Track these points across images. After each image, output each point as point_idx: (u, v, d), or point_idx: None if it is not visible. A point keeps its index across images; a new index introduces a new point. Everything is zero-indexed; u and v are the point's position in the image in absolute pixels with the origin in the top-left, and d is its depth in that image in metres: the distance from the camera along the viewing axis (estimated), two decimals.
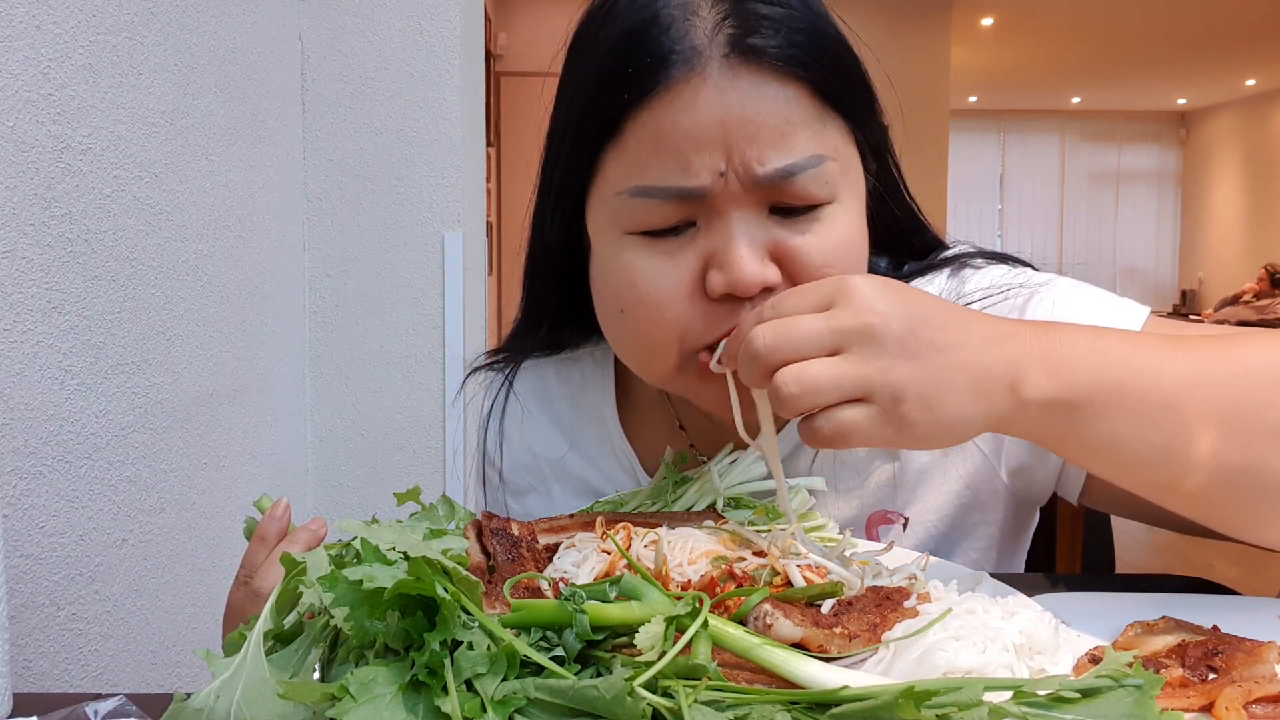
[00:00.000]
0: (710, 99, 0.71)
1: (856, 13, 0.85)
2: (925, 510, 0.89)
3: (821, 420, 0.63)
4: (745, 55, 0.72)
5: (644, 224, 0.75)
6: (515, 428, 1.02)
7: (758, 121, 0.72)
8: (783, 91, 0.73)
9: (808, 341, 0.63)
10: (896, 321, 0.63)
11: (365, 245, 1.99)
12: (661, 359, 0.78)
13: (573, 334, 0.99)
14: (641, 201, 0.74)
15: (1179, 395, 0.65)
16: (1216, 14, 7.53)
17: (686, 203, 0.74)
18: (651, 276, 0.75)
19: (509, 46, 6.38)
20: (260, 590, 0.79)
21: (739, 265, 0.72)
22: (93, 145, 1.20)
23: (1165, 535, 5.09)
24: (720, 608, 0.58)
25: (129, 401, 1.28)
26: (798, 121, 0.73)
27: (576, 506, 0.95)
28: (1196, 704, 0.53)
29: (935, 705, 0.44)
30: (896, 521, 0.89)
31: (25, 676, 1.09)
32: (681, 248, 0.75)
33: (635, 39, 0.73)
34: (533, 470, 1.01)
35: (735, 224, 0.73)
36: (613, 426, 0.97)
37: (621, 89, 0.73)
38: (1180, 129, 12.17)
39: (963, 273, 0.91)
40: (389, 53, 1.96)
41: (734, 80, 0.72)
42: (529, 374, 1.03)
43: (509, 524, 0.71)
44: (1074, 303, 0.86)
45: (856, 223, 0.78)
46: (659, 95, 0.72)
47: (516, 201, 6.12)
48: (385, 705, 0.46)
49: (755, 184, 0.72)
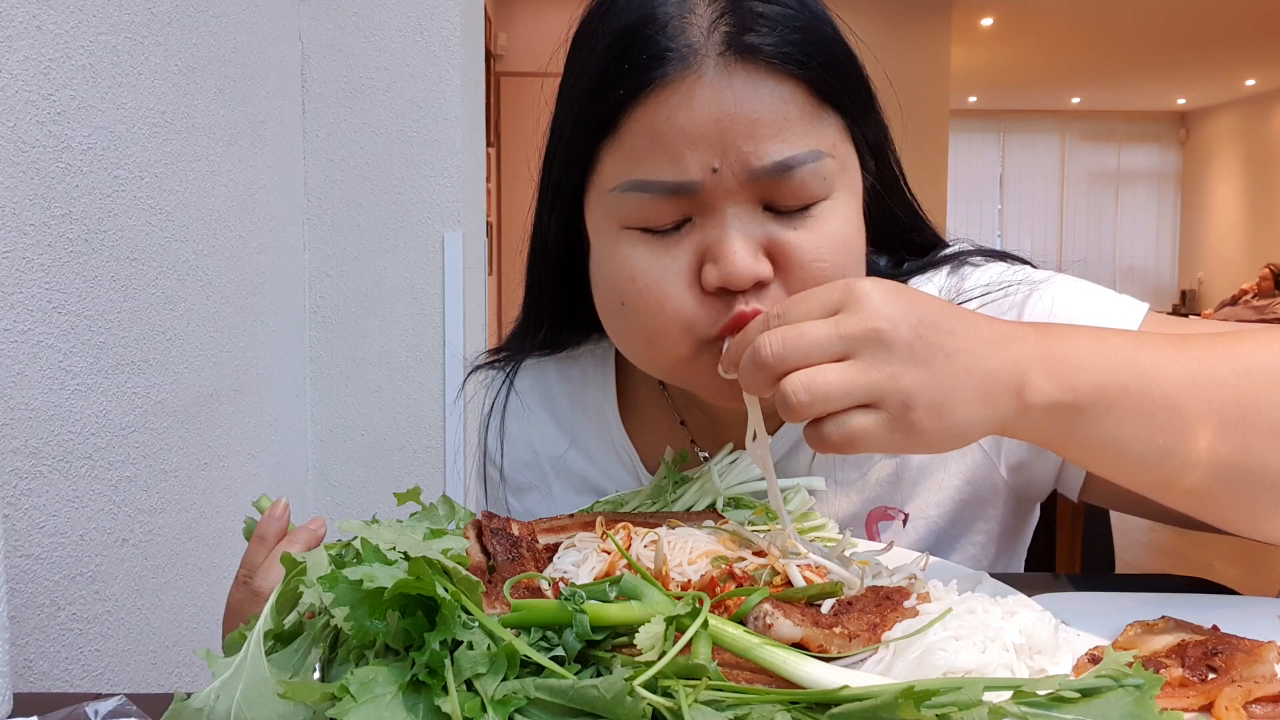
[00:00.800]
0: (706, 96, 0.72)
1: (856, 13, 0.85)
2: (925, 506, 0.89)
3: (831, 427, 0.63)
4: (741, 53, 0.72)
5: (640, 219, 0.76)
6: (516, 425, 1.02)
7: (753, 118, 0.72)
8: (779, 89, 0.73)
9: (816, 348, 0.63)
10: (905, 326, 0.63)
11: (365, 245, 1.99)
12: (669, 350, 0.78)
13: (573, 333, 0.99)
14: (635, 196, 0.75)
15: (1181, 395, 0.65)
16: (1216, 14, 7.54)
17: (681, 198, 0.74)
18: (650, 269, 0.76)
19: (509, 46, 6.39)
20: (260, 590, 0.79)
21: (732, 260, 0.72)
22: (93, 145, 1.20)
23: (1165, 535, 5.09)
24: (720, 608, 0.58)
25: (129, 401, 1.28)
26: (794, 118, 0.73)
27: (577, 504, 0.96)
28: (1196, 704, 0.53)
29: (935, 705, 0.44)
30: (896, 517, 0.89)
31: (25, 676, 1.09)
32: (678, 242, 0.76)
33: (632, 36, 0.74)
34: (533, 467, 1.02)
35: (730, 219, 0.74)
36: (614, 423, 0.97)
37: (618, 86, 0.74)
38: (1180, 129, 12.17)
39: (962, 270, 0.91)
40: (389, 53, 1.96)
41: (729, 78, 0.72)
42: (529, 372, 1.03)
43: (509, 524, 0.71)
44: (1073, 299, 0.86)
45: (853, 220, 0.78)
46: (655, 92, 0.73)
47: (516, 201, 6.13)
48: (385, 705, 0.46)
49: (751, 179, 0.73)
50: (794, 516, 0.80)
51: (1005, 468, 0.88)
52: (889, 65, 0.88)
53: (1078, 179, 12.07)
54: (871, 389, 0.62)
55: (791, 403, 0.62)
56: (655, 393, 0.97)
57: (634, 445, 0.97)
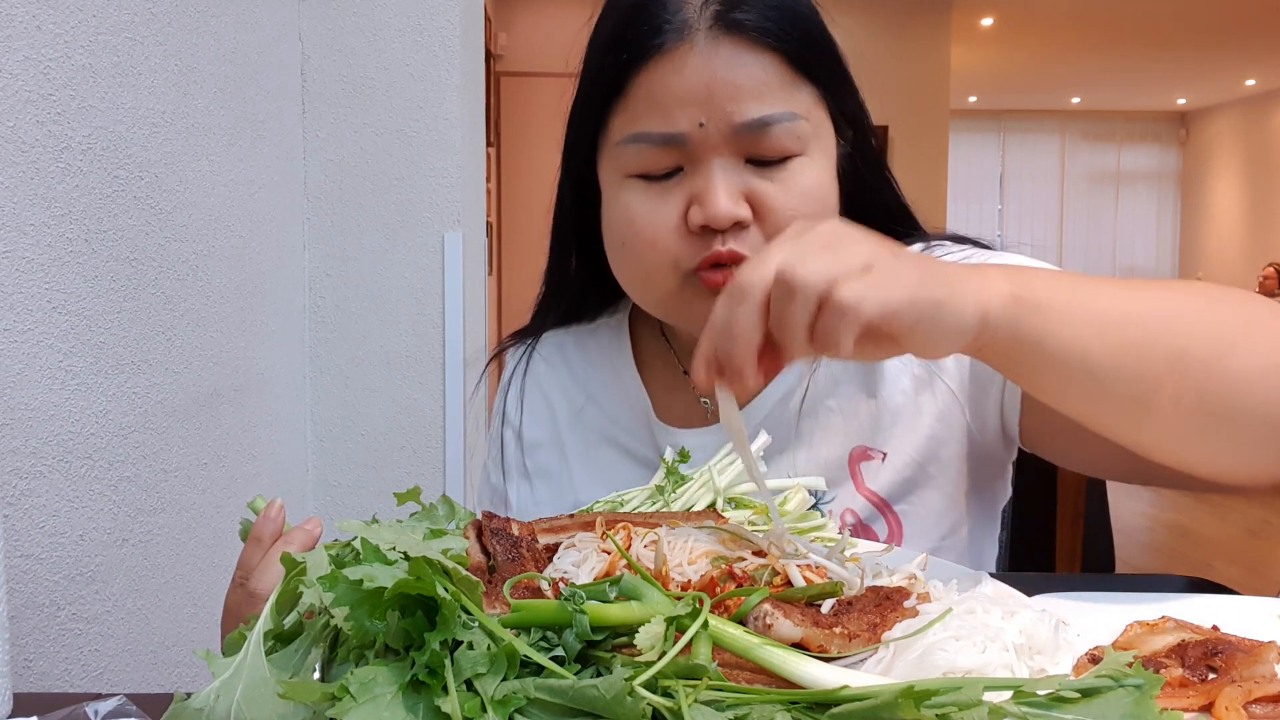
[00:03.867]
0: (696, 64, 0.84)
1: (857, 13, 0.89)
2: (902, 444, 0.94)
3: (841, 289, 0.62)
4: (727, 27, 0.84)
5: (639, 168, 0.88)
6: (534, 385, 1.10)
7: (736, 83, 0.84)
8: (759, 59, 0.85)
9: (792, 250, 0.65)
10: (873, 240, 0.67)
11: (365, 245, 1.99)
12: (660, 283, 0.89)
13: (593, 302, 1.09)
14: (635, 147, 0.87)
15: (1145, 315, 0.70)
16: (1216, 14, 7.53)
17: (673, 149, 0.86)
18: (646, 213, 0.88)
19: (509, 46, 6.38)
20: (256, 591, 0.79)
21: (714, 202, 0.83)
22: (93, 145, 1.20)
23: (1165, 535, 5.10)
24: (720, 608, 0.58)
25: (129, 401, 1.28)
26: (773, 84, 0.85)
27: (589, 457, 1.05)
28: (1196, 704, 0.53)
29: (935, 705, 0.44)
30: (876, 457, 0.95)
31: (25, 676, 1.09)
32: (671, 189, 0.87)
33: (637, 11, 0.87)
34: (548, 423, 1.08)
35: (715, 169, 0.85)
36: (629, 378, 1.04)
37: (624, 53, 0.87)
38: (1180, 129, 12.17)
39: (933, 251, 0.98)
40: (389, 53, 1.96)
41: (717, 48, 0.84)
42: (549, 342, 1.12)
43: (509, 524, 0.71)
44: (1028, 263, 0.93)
45: (825, 177, 0.89)
46: (654, 59, 0.85)
47: (517, 201, 6.12)
48: (385, 705, 0.46)
49: (734, 134, 0.84)
50: (794, 517, 0.80)
51: (969, 411, 0.94)
52: (889, 65, 0.92)
53: (1078, 179, 12.06)
54: (861, 256, 0.64)
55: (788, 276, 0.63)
56: (664, 350, 1.05)
57: (648, 394, 1.03)
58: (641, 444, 1.02)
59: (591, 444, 1.05)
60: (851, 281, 0.62)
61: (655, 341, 1.06)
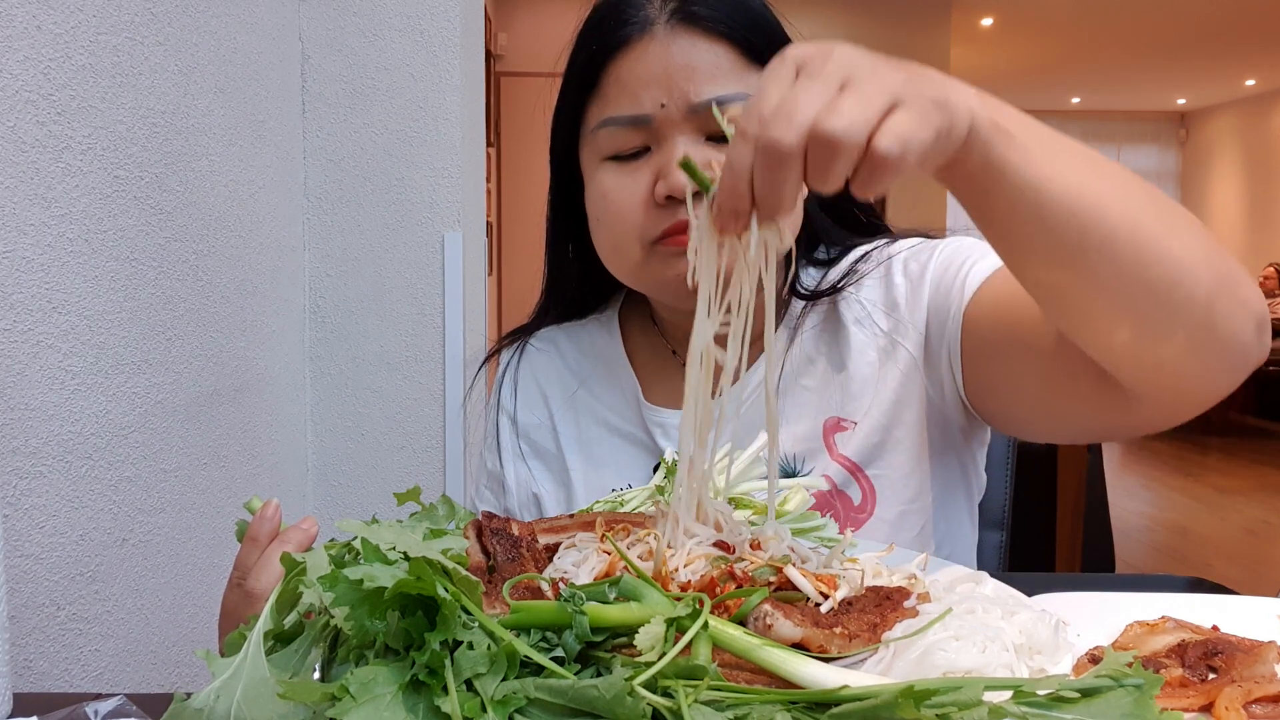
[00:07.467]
0: (657, 52, 0.94)
1: (857, 13, 0.89)
2: (870, 411, 1.00)
3: (882, 140, 0.60)
4: (684, 19, 0.94)
5: (611, 149, 0.97)
6: (529, 374, 1.18)
7: (692, 67, 0.93)
8: (713, 48, 0.94)
9: (815, 96, 0.61)
10: (855, 48, 0.65)
11: (365, 245, 1.99)
12: (629, 253, 0.97)
13: (592, 300, 1.17)
14: (607, 131, 0.96)
15: (1103, 173, 0.71)
16: (1216, 14, 7.54)
17: (640, 129, 0.95)
18: (617, 189, 0.96)
19: (509, 46, 6.38)
20: (254, 591, 0.79)
21: (676, 174, 0.91)
22: (93, 145, 1.20)
23: (1165, 535, 5.09)
24: (720, 608, 0.58)
25: (129, 401, 1.28)
26: (725, 68, 0.94)
27: (582, 438, 1.11)
28: (1196, 704, 0.53)
29: (935, 705, 0.44)
30: (849, 428, 1.01)
31: (25, 676, 1.09)
32: (640, 167, 0.96)
33: (608, 11, 0.98)
34: (541, 406, 1.15)
35: (677, 144, 0.93)
36: (619, 363, 1.12)
37: (594, 46, 0.97)
38: (1180, 129, 12.17)
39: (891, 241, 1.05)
40: (389, 53, 1.96)
41: (675, 38, 0.94)
42: (542, 335, 1.20)
43: (509, 524, 0.71)
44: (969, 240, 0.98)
45: None
46: (621, 51, 0.95)
47: (516, 201, 6.12)
48: (385, 705, 0.46)
49: (692, 112, 0.93)
50: (793, 517, 0.80)
51: (925, 369, 0.99)
52: None
53: None
54: (884, 90, 0.61)
55: (835, 139, 0.60)
56: (653, 336, 1.12)
57: (636, 377, 1.10)
58: (631, 425, 1.09)
59: (584, 425, 1.12)
60: (886, 131, 0.60)
61: (645, 329, 1.14)
